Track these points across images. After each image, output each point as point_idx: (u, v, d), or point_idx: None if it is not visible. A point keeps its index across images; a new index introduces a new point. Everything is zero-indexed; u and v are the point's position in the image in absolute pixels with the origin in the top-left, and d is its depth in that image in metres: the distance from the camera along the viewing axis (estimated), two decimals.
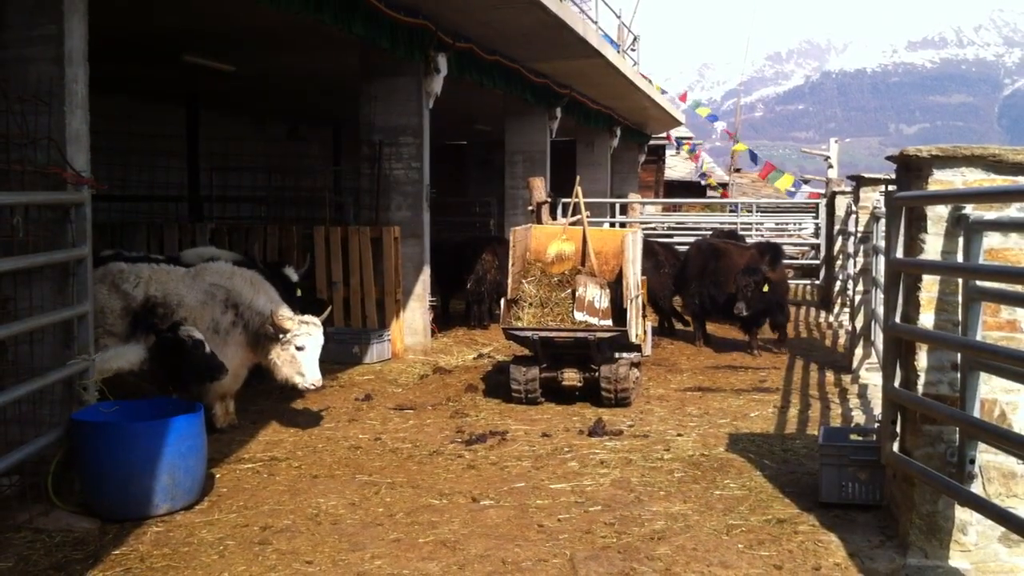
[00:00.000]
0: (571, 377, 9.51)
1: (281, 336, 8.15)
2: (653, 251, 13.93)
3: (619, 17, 23.65)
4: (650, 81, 25.83)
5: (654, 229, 21.67)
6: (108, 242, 12.29)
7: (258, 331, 8.27)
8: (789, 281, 15.84)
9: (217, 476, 7.08)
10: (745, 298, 12.21)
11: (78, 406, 6.51)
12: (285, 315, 8.20)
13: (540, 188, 12.30)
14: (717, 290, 12.96)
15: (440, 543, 5.76)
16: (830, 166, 31.86)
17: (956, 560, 5.30)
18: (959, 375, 5.19)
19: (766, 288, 12.29)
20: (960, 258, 5.22)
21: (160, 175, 18.65)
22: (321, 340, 8.37)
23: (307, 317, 8.38)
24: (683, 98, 30.82)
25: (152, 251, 12.11)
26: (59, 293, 6.55)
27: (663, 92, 28.46)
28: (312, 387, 8.37)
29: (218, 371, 7.61)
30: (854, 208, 12.62)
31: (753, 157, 33.94)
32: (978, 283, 5.04)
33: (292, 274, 10.14)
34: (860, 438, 6.77)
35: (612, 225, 19.34)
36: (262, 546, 5.73)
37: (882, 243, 8.31)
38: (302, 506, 6.45)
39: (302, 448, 7.95)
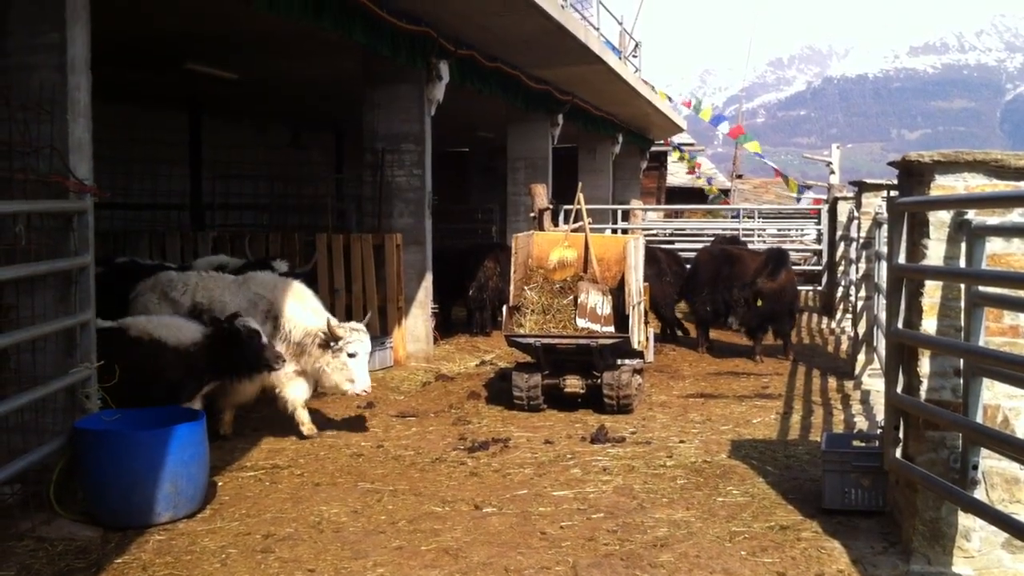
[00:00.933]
0: (573, 384, 9.51)
1: (333, 344, 8.22)
2: (655, 258, 13.92)
3: (620, 23, 23.66)
4: (653, 88, 25.86)
5: (656, 236, 21.65)
6: (110, 251, 12.30)
7: (300, 342, 8.33)
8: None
9: (219, 484, 7.07)
10: (736, 313, 12.28)
11: (81, 414, 6.51)
12: (337, 323, 8.31)
13: (542, 195, 12.33)
14: (731, 296, 12.90)
15: (443, 551, 5.75)
16: (832, 172, 31.88)
17: (959, 566, 5.29)
18: (962, 381, 5.19)
19: (759, 302, 12.33)
20: (963, 263, 5.22)
21: (162, 183, 18.68)
22: (369, 346, 8.50)
23: (355, 324, 8.50)
24: (687, 104, 30.81)
25: (154, 259, 12.12)
26: (61, 301, 6.55)
27: (668, 99, 28.47)
28: (363, 393, 8.52)
29: (275, 360, 7.74)
30: (856, 214, 12.62)
31: (762, 158, 33.98)
32: (981, 288, 5.04)
33: (281, 267, 9.99)
34: (863, 444, 6.77)
35: (614, 231, 19.32)
36: (264, 554, 5.73)
37: (884, 249, 8.31)
38: (304, 514, 6.45)
39: (304, 456, 7.94)
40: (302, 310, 8.51)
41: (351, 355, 8.27)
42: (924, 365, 5.41)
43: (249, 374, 7.82)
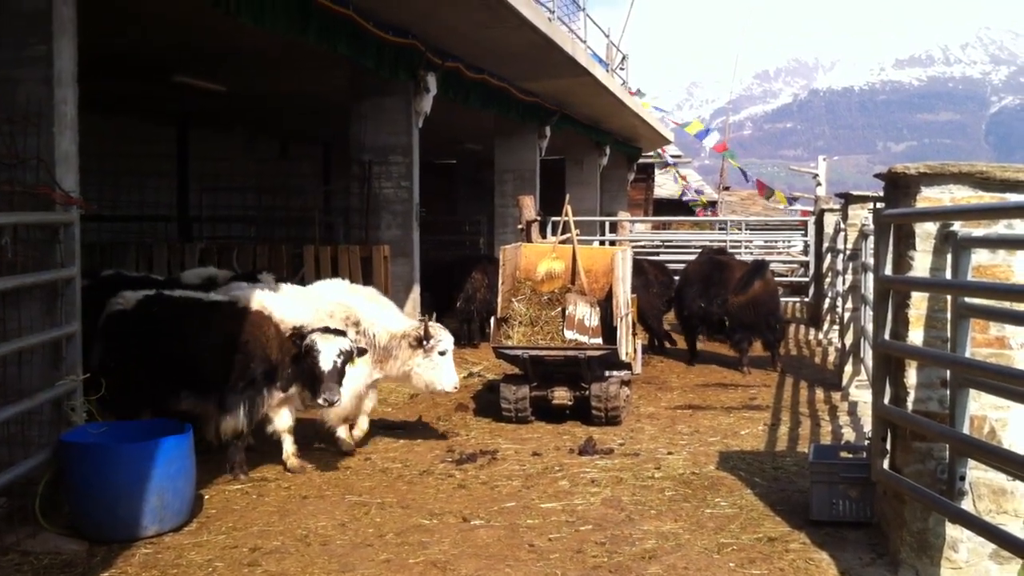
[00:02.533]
0: (561, 396, 9.50)
1: (425, 344, 8.25)
2: (643, 269, 13.92)
3: (608, 36, 23.75)
4: (641, 94, 25.91)
5: (643, 247, 21.68)
6: (97, 263, 12.25)
7: (387, 346, 8.33)
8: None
9: (206, 497, 7.04)
10: (711, 323, 12.46)
11: (67, 427, 6.49)
12: (431, 322, 8.38)
13: (530, 207, 12.32)
14: (712, 307, 12.91)
15: (430, 564, 5.74)
16: (818, 184, 32.01)
17: None
18: (948, 392, 5.20)
19: (726, 317, 12.54)
20: (949, 275, 5.24)
21: (150, 195, 18.65)
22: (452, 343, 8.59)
23: (436, 324, 8.54)
24: (675, 123, 30.90)
25: (141, 271, 12.06)
26: (47, 313, 6.53)
27: (658, 110, 28.53)
28: (455, 390, 8.61)
29: (332, 393, 7.43)
30: (843, 226, 12.67)
31: (744, 175, 34.04)
32: (967, 300, 5.06)
33: (267, 279, 9.83)
34: (850, 455, 6.78)
35: (602, 243, 19.35)
36: (251, 567, 5.70)
37: (871, 260, 8.34)
38: (291, 527, 6.42)
39: None
40: (383, 313, 8.51)
41: (442, 353, 8.35)
42: (911, 376, 5.43)
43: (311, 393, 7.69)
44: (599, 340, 9.55)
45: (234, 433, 7.49)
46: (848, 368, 10.99)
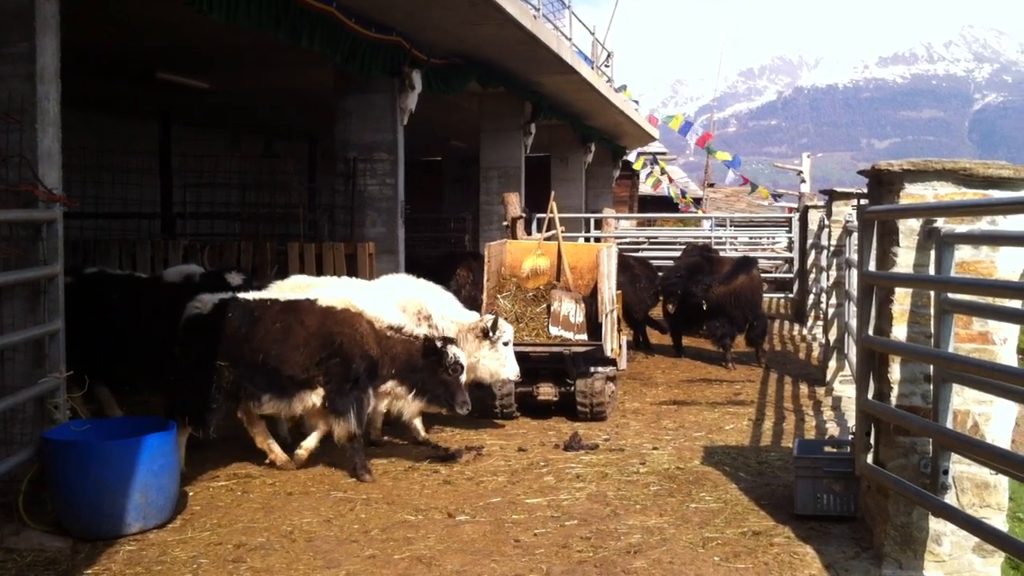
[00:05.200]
0: (546, 391, 9.51)
1: (491, 335, 8.35)
2: (628, 265, 13.94)
3: (593, 34, 23.77)
4: (624, 89, 25.93)
5: (628, 244, 21.72)
6: (80, 260, 12.19)
7: (455, 338, 8.35)
8: (764, 295, 15.87)
9: (190, 494, 7.02)
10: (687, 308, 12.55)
11: (50, 424, 6.46)
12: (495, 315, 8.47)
13: (515, 203, 12.33)
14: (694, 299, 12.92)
15: (416, 559, 5.74)
16: (803, 181, 32.12)
17: (931, 571, 5.33)
18: (932, 387, 5.23)
19: (704, 305, 12.59)
20: (932, 271, 5.27)
21: (133, 192, 18.55)
22: None
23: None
24: (652, 120, 30.81)
25: (124, 268, 12.01)
26: (30, 311, 6.50)
27: (635, 102, 28.53)
28: (517, 378, 8.73)
29: (463, 405, 7.75)
30: (827, 222, 12.70)
31: (731, 163, 34.07)
32: (950, 295, 5.08)
33: (235, 279, 9.68)
34: (834, 450, 6.80)
35: (587, 240, 19.36)
36: (236, 564, 5.69)
37: (855, 256, 8.36)
38: (276, 523, 6.41)
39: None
40: (450, 307, 8.52)
41: (505, 344, 8.47)
42: (894, 371, 5.46)
43: (430, 400, 7.79)
44: (584, 336, 9.56)
45: (348, 436, 7.44)
46: (832, 363, 11.03)
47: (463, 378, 7.68)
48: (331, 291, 7.77)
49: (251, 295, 7.72)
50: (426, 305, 8.48)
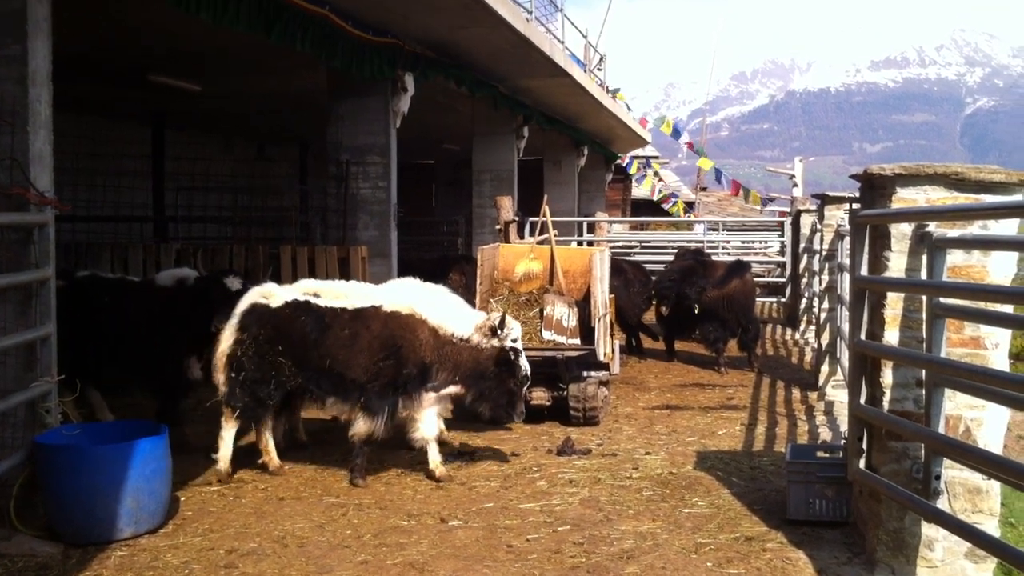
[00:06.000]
0: (539, 396, 9.50)
1: (500, 333, 8.25)
2: (621, 269, 13.95)
3: (585, 37, 23.81)
4: (615, 92, 25.94)
5: (621, 248, 21.72)
6: (72, 263, 12.16)
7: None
8: (757, 299, 15.87)
9: (182, 499, 7.00)
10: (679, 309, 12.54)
11: (41, 429, 6.44)
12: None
13: (508, 207, 12.33)
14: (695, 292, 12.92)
15: (408, 565, 5.73)
16: (795, 185, 32.13)
17: None
18: (924, 392, 5.23)
19: (697, 308, 12.60)
20: (924, 275, 5.27)
21: (125, 195, 18.52)
22: None
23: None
24: (643, 123, 30.81)
25: (116, 272, 11.98)
26: (22, 315, 6.48)
27: (628, 107, 28.55)
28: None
29: (519, 415, 7.80)
30: (819, 226, 12.72)
31: (718, 176, 34.08)
32: (942, 300, 5.09)
33: (235, 283, 9.66)
34: (827, 455, 6.80)
35: (580, 244, 19.36)
36: (228, 569, 5.67)
37: (847, 261, 8.38)
38: (268, 528, 6.40)
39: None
40: (461, 308, 8.50)
41: (514, 341, 8.34)
42: (887, 376, 5.46)
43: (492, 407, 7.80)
44: (577, 341, 9.56)
45: (366, 437, 7.46)
46: (824, 368, 11.04)
47: (524, 384, 7.73)
48: (397, 297, 7.77)
49: (321, 302, 7.64)
50: (440, 309, 8.44)
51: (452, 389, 7.72)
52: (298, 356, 7.47)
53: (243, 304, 7.72)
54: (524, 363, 7.68)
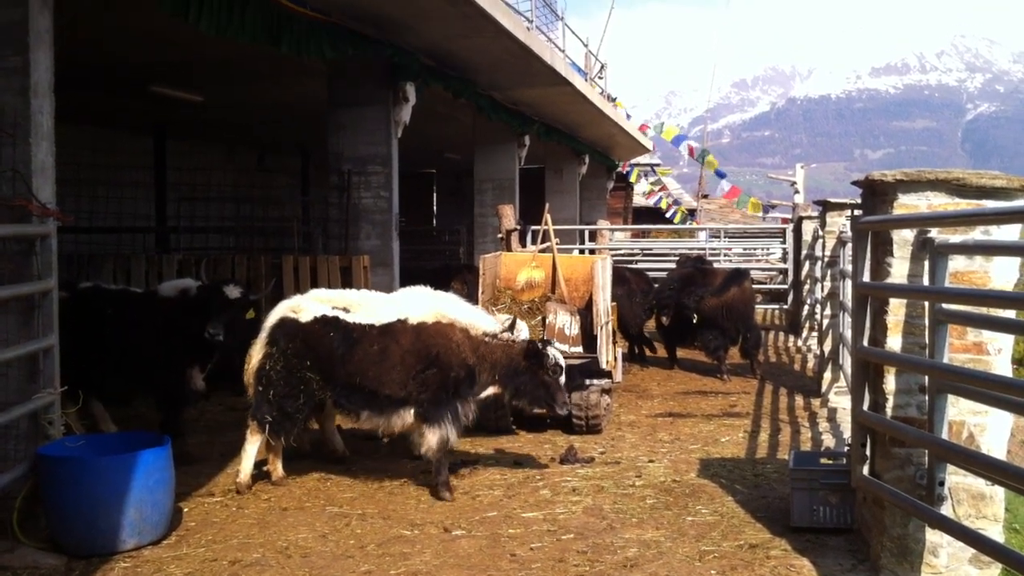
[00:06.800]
0: None
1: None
2: (623, 277, 13.95)
3: (586, 45, 23.85)
4: (614, 99, 25.98)
5: (623, 256, 21.72)
6: (74, 275, 12.17)
7: None
8: (758, 306, 15.89)
9: (185, 510, 6.99)
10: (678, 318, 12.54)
11: (44, 440, 6.43)
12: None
13: (509, 216, 12.33)
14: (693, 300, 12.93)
15: (412, 575, 5.71)
16: (796, 191, 32.11)
17: None
18: (927, 398, 5.22)
19: (695, 317, 12.63)
20: (926, 281, 5.27)
21: (128, 206, 18.54)
22: None
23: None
24: (643, 128, 30.79)
25: (119, 283, 11.98)
26: (24, 326, 6.48)
27: (627, 115, 28.59)
28: None
29: (563, 406, 7.74)
30: (821, 233, 12.71)
31: (722, 176, 34.06)
32: (944, 306, 5.08)
33: (234, 292, 8.98)
34: (830, 462, 6.79)
35: (581, 252, 19.37)
36: None
37: (849, 267, 8.37)
38: (272, 539, 6.39)
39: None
40: (475, 312, 8.50)
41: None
42: (889, 382, 5.45)
43: (531, 401, 7.76)
44: (579, 349, 9.55)
45: (441, 446, 7.40)
46: (827, 374, 11.03)
47: (563, 379, 7.65)
48: (422, 305, 7.74)
49: (349, 317, 7.61)
50: (454, 315, 8.42)
51: (491, 390, 7.68)
52: (328, 371, 7.43)
53: (272, 318, 7.71)
54: (553, 352, 7.63)
